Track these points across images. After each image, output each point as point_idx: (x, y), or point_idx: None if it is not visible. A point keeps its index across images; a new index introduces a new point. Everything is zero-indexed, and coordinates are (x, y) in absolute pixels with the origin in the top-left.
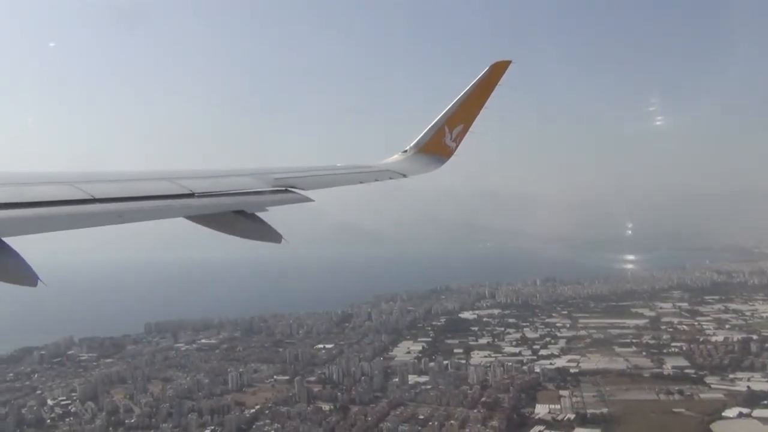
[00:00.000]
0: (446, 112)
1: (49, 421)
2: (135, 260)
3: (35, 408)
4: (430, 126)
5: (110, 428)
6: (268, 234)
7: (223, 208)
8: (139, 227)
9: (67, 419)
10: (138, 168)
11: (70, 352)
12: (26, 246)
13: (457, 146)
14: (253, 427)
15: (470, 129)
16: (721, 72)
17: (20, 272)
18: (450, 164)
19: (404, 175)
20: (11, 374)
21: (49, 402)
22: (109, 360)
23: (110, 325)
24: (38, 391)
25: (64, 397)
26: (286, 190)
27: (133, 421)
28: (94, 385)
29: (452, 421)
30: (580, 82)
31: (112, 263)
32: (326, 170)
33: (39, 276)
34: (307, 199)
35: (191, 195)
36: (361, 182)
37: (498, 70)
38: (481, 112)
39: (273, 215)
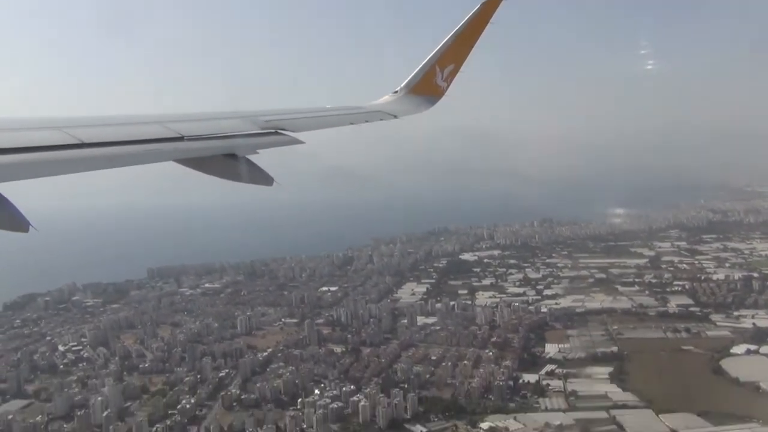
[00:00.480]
0: (437, 51)
1: (62, 366)
2: (126, 206)
3: (47, 354)
4: (420, 66)
5: (124, 372)
6: (259, 177)
7: (213, 151)
8: (129, 172)
9: (80, 364)
10: (127, 112)
11: (74, 298)
12: (15, 192)
13: (448, 86)
14: (267, 369)
15: (461, 69)
16: (712, 15)
17: (11, 218)
18: (441, 104)
19: (395, 116)
20: (18, 321)
21: (60, 348)
22: (114, 305)
23: (109, 271)
24: (48, 337)
25: (75, 343)
26: (276, 133)
27: (146, 365)
28: (103, 330)
29: (465, 362)
30: (574, 21)
31: (103, 209)
32: (316, 112)
33: (30, 222)
34: (298, 141)
35: (181, 138)
36: (351, 123)
37: (489, 8)
38: (472, 51)
39: (263, 158)
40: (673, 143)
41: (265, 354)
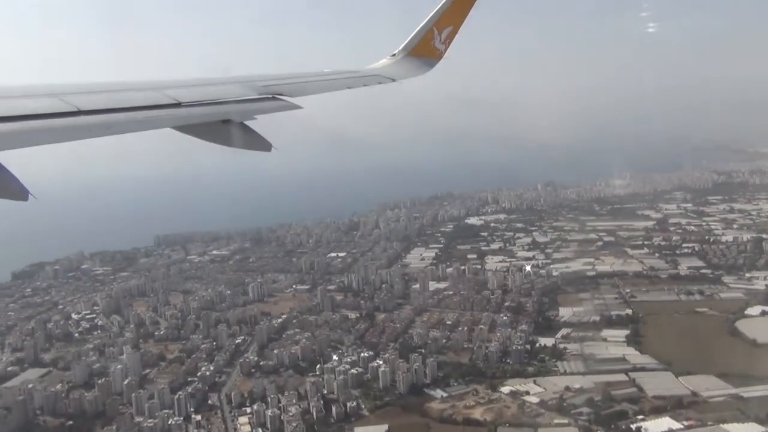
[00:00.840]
0: (435, 13)
1: (77, 335)
2: (124, 174)
3: (62, 322)
4: (418, 28)
5: (140, 340)
6: (258, 143)
7: (210, 118)
8: (125, 140)
9: (95, 332)
10: (122, 79)
11: (84, 267)
12: (13, 161)
13: (446, 49)
14: (283, 336)
15: (459, 31)
16: None
17: (9, 187)
18: (440, 67)
19: (393, 80)
20: (29, 289)
21: (74, 316)
22: (124, 273)
23: (116, 239)
24: (60, 306)
25: (88, 311)
26: (274, 98)
27: (161, 333)
28: (115, 298)
29: (481, 326)
30: None
31: (103, 177)
32: (313, 76)
33: (29, 190)
34: (296, 107)
35: (178, 105)
36: (349, 87)
37: None
38: (470, 12)
39: (261, 124)
40: (674, 106)
41: (280, 320)
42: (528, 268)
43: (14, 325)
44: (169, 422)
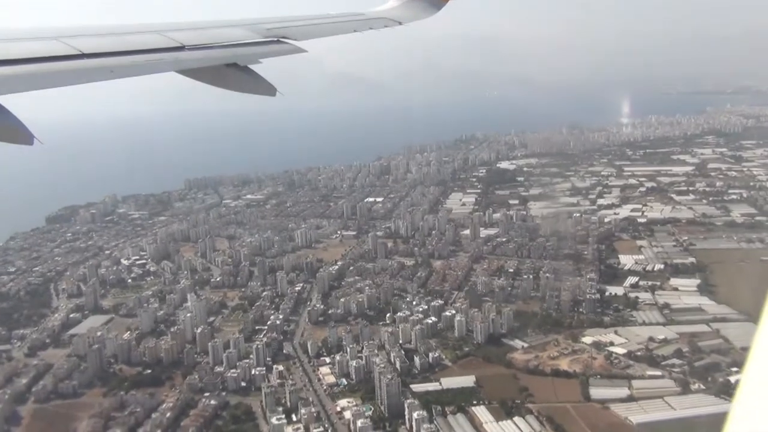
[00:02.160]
0: None
1: (130, 280)
2: (132, 118)
3: (113, 268)
4: None
5: (196, 287)
6: (262, 87)
7: (214, 61)
8: (125, 84)
9: (148, 278)
10: (123, 21)
11: (120, 210)
12: (15, 105)
13: None
14: (343, 283)
15: None
16: None
17: (13, 131)
18: (447, 9)
19: (399, 23)
20: (69, 234)
21: (124, 262)
22: (162, 218)
23: (142, 183)
24: (107, 251)
25: (137, 257)
26: (279, 41)
27: (217, 280)
28: (162, 244)
29: (547, 275)
30: None
31: (112, 121)
32: (319, 19)
33: (34, 134)
34: (300, 50)
35: (181, 48)
36: (355, 30)
37: None
38: None
39: (267, 67)
40: (687, 45)
41: (336, 268)
42: (577, 215)
43: (64, 270)
44: (252, 372)
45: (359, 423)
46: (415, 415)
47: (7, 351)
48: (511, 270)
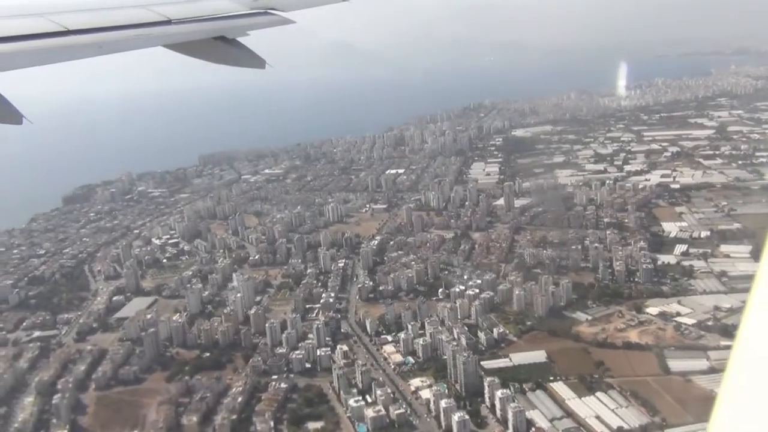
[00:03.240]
0: None
1: (165, 260)
2: (116, 93)
3: (147, 248)
4: None
5: (235, 266)
6: (251, 59)
7: (202, 35)
8: (112, 60)
9: (183, 258)
10: None
11: (140, 188)
12: (5, 84)
13: None
14: (386, 258)
15: None
16: None
17: (1, 110)
18: None
19: None
20: (92, 213)
21: (156, 241)
22: (183, 195)
23: (153, 159)
24: (136, 231)
25: (167, 236)
26: (266, 13)
27: (256, 257)
28: (190, 222)
29: (596, 244)
30: None
31: (102, 97)
32: None
33: (23, 113)
34: (289, 21)
35: (168, 22)
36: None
37: None
38: None
39: (257, 40)
40: (681, 6)
41: (375, 242)
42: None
43: (95, 251)
44: (318, 353)
45: (443, 404)
46: (498, 393)
47: (55, 337)
48: (556, 241)
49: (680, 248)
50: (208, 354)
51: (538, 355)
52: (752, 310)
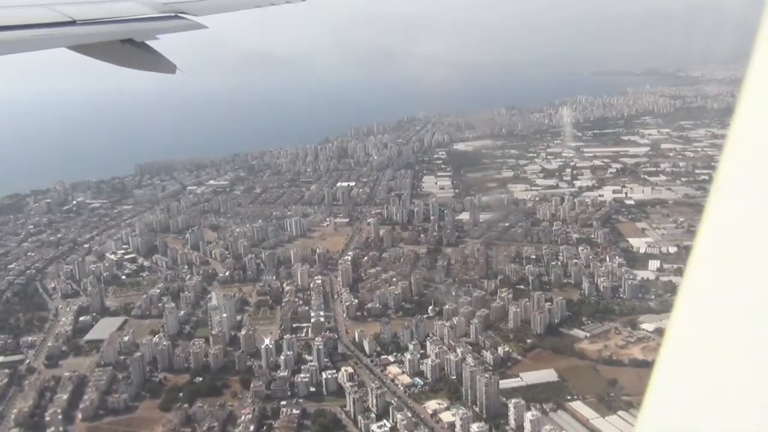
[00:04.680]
0: None
1: (124, 277)
2: (15, 95)
3: (103, 264)
4: None
5: (204, 283)
6: (161, 64)
7: (109, 37)
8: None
9: (143, 274)
10: None
11: (78, 199)
12: None
13: None
14: (362, 275)
15: None
16: None
17: None
18: None
19: None
20: (30, 225)
21: (110, 257)
22: (126, 206)
23: (83, 168)
24: (84, 245)
25: (122, 251)
26: (176, 17)
27: (226, 274)
28: (144, 236)
29: (574, 260)
30: None
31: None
32: None
33: None
34: (200, 26)
35: (72, 23)
36: (257, 6)
37: None
38: None
39: (168, 44)
40: (590, 27)
41: (348, 258)
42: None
43: (44, 267)
44: (323, 377)
45: (475, 428)
46: (528, 415)
47: (22, 362)
48: (533, 256)
49: (654, 264)
50: (200, 378)
51: (548, 374)
52: (679, 310)
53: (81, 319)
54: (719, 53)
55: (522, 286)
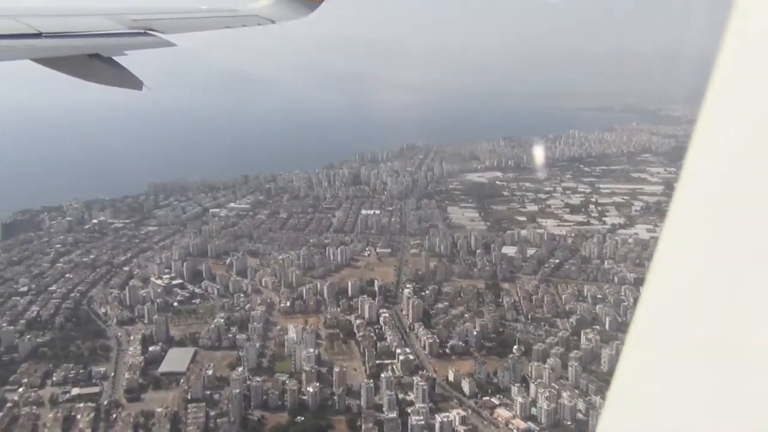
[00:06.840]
0: None
1: (176, 304)
2: None
3: (154, 290)
4: None
5: (267, 315)
6: (128, 80)
7: (75, 51)
8: None
9: (194, 301)
10: None
11: (101, 218)
12: None
13: None
14: (432, 309)
15: None
16: None
17: None
18: (323, 11)
19: (272, 21)
20: (57, 244)
21: (157, 281)
22: (152, 228)
23: (82, 186)
24: (124, 268)
25: (167, 276)
26: (146, 33)
27: (287, 305)
28: (189, 261)
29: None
30: None
31: None
32: (189, 13)
33: None
34: (169, 44)
35: (38, 35)
36: (227, 27)
37: None
38: None
39: (139, 61)
40: (565, 63)
41: (408, 291)
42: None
43: (87, 291)
44: (437, 419)
45: None
46: None
47: (99, 394)
48: (598, 296)
49: None
50: (301, 418)
51: None
52: (641, 310)
53: (151, 349)
54: (696, 95)
55: (597, 326)
